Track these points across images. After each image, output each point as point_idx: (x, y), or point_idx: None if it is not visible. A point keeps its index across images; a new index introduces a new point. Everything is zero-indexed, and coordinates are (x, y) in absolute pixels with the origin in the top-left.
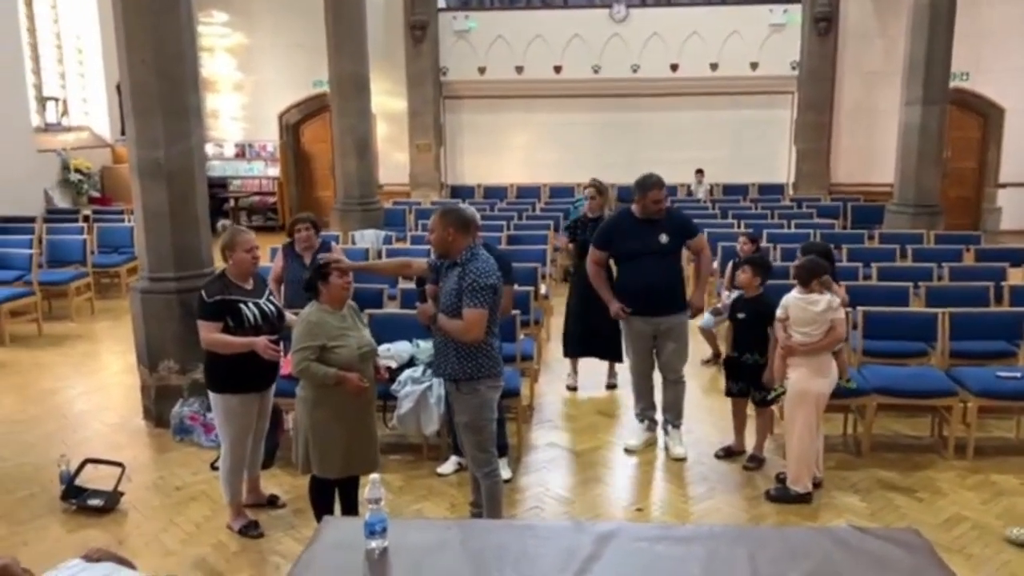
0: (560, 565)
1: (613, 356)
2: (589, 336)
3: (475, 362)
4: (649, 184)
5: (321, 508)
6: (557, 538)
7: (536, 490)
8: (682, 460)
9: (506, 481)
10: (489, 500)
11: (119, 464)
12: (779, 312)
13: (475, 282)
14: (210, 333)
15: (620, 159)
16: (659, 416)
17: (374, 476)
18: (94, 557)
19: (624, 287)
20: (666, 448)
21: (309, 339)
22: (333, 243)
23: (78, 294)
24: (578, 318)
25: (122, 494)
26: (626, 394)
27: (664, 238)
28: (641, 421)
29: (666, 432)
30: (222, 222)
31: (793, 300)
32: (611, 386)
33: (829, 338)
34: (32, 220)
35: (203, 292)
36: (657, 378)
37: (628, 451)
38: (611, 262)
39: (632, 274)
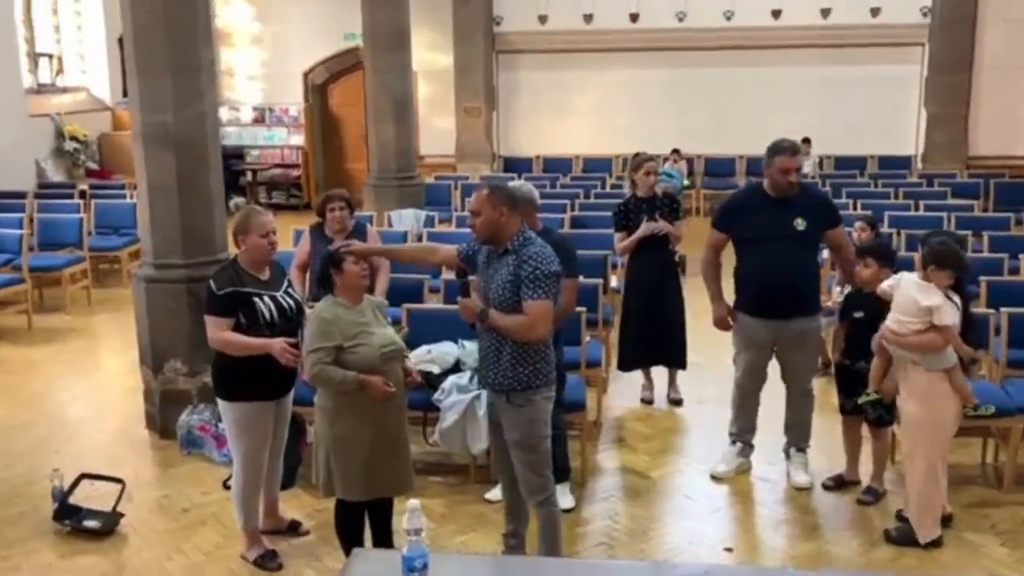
0: None
1: (677, 362)
2: (649, 340)
3: (533, 368)
4: (776, 149)
5: (349, 537)
6: None
7: (603, 523)
8: (806, 490)
9: (567, 511)
10: (546, 533)
11: (119, 480)
12: (887, 283)
13: (537, 269)
14: (219, 331)
15: (708, 125)
16: (756, 439)
17: (413, 503)
18: None
19: (742, 280)
20: (787, 475)
21: (323, 339)
22: (368, 225)
23: (73, 282)
24: (636, 320)
25: (122, 515)
26: (707, 411)
27: (800, 223)
28: (733, 443)
29: (787, 456)
30: (235, 200)
31: (908, 281)
32: (675, 401)
33: (919, 339)
34: (22, 196)
35: (212, 283)
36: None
37: (716, 478)
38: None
39: (754, 264)
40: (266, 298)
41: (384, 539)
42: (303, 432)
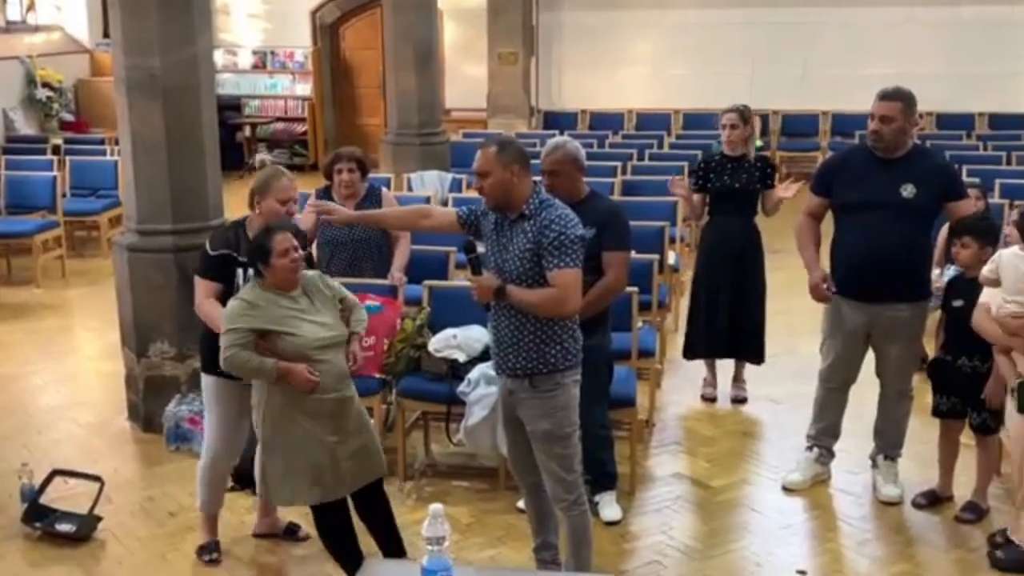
0: None
1: (753, 355)
2: (723, 327)
3: (561, 347)
4: (881, 96)
5: (336, 543)
6: None
7: (656, 538)
8: (895, 504)
9: (613, 523)
10: (576, 542)
11: (97, 479)
12: (986, 268)
13: (561, 234)
14: (206, 298)
15: (785, 76)
16: (838, 446)
17: (436, 507)
18: None
19: (836, 254)
20: (874, 486)
21: (239, 320)
22: (384, 190)
23: (45, 250)
24: (708, 301)
25: (99, 519)
26: (780, 411)
27: (908, 189)
28: (811, 449)
29: (874, 465)
30: (261, 155)
31: (1009, 256)
32: (738, 400)
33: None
34: None
35: (208, 242)
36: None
37: (788, 489)
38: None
39: (851, 236)
40: (249, 271)
41: (387, 536)
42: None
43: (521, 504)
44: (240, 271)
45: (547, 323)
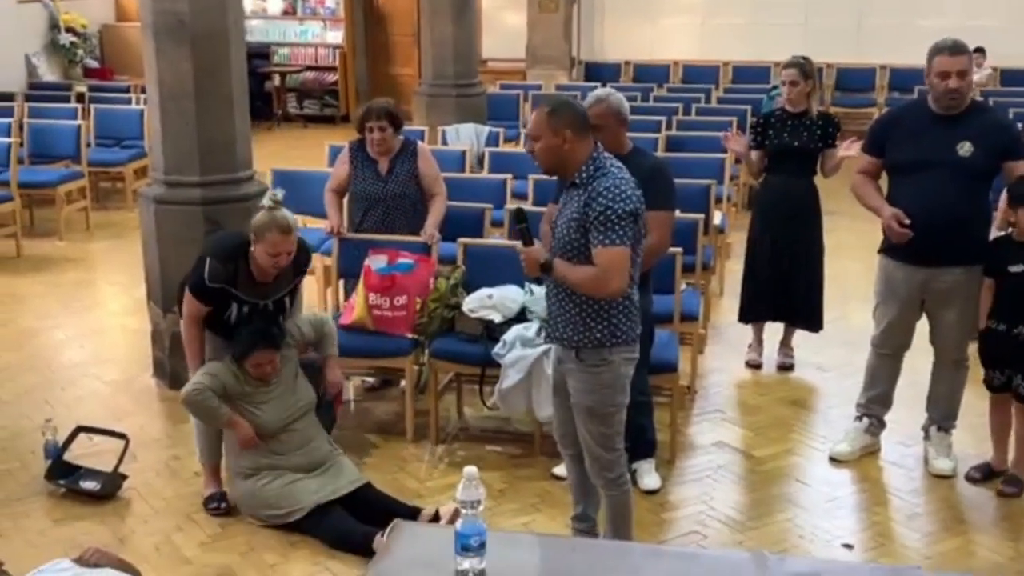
0: None
1: (810, 322)
2: (779, 289)
3: (608, 323)
4: (936, 47)
5: (344, 537)
6: (729, 575)
7: (696, 507)
8: (948, 478)
9: (652, 492)
10: (615, 518)
11: (122, 436)
12: None
13: (608, 209)
14: (195, 323)
15: (840, 26)
16: (889, 416)
17: (470, 470)
18: (90, 560)
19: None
20: (925, 459)
21: (218, 376)
22: (420, 144)
23: (69, 202)
24: (766, 264)
25: (125, 477)
26: (829, 379)
27: (966, 148)
28: (860, 419)
29: (927, 437)
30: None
31: None
32: (785, 367)
33: None
34: (9, 98)
35: (208, 265)
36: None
37: (836, 460)
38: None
39: (905, 196)
40: (244, 308)
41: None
42: (339, 389)
43: (556, 470)
44: (235, 305)
45: (593, 299)
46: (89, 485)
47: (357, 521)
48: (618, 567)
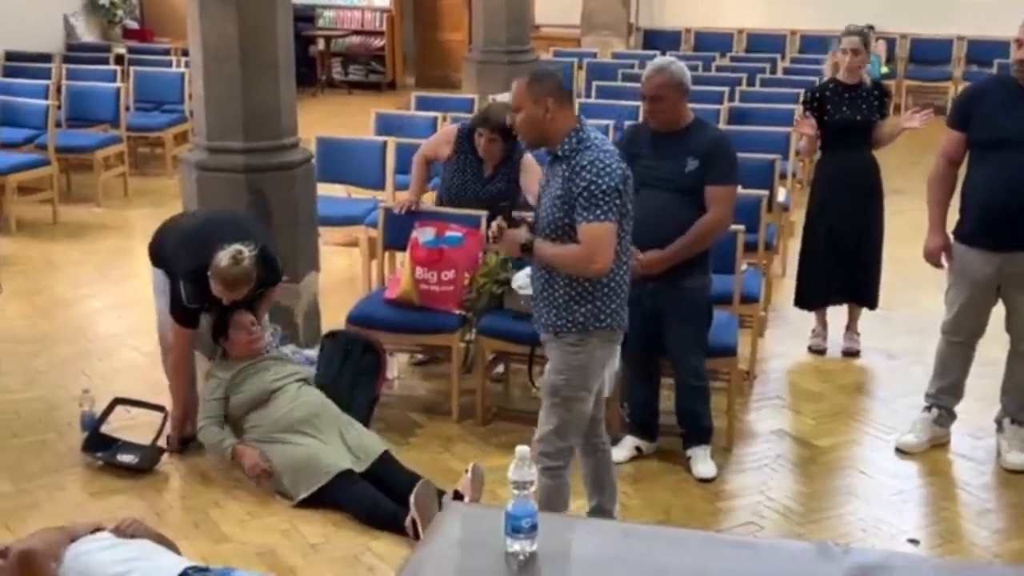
0: None
1: (865, 298)
2: (838, 271)
3: (592, 306)
4: None
5: (373, 511)
6: (789, 564)
7: (752, 499)
8: (1021, 473)
9: (706, 480)
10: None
11: (160, 408)
12: None
13: (592, 183)
14: (185, 343)
15: None
16: (960, 407)
17: (522, 449)
18: (127, 531)
19: (967, 196)
20: (998, 452)
21: (210, 393)
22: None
23: (107, 167)
24: (825, 249)
25: (163, 450)
26: (897, 367)
27: None
28: (929, 409)
29: (1000, 429)
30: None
31: None
32: (851, 352)
33: None
34: (47, 59)
35: (184, 289)
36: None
37: (903, 452)
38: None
39: (984, 176)
40: (211, 314)
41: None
42: (383, 365)
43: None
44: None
45: (578, 279)
46: (127, 458)
47: (382, 495)
48: (673, 553)
